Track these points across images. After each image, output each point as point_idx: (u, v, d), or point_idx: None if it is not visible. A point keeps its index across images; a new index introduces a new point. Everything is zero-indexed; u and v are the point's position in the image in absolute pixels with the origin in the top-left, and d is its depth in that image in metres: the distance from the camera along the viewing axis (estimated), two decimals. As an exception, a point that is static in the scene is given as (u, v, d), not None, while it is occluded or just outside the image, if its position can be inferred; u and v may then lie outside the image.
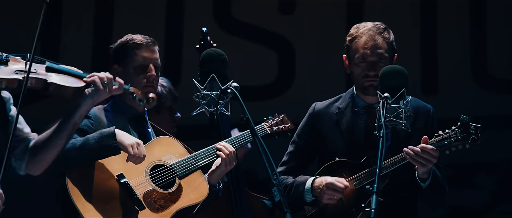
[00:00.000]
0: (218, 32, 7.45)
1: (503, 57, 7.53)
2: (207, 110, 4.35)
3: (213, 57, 4.44)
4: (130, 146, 4.54)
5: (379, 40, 4.98)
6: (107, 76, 4.37)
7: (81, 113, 4.32)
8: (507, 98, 7.47)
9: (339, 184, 4.87)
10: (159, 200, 4.63)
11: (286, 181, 5.09)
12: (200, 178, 4.79)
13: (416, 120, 5.01)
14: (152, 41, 4.90)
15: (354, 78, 5.03)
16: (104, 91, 4.34)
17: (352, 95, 5.10)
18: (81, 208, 4.44)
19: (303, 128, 5.19)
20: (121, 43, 4.89)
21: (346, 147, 4.99)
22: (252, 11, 7.64)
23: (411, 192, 4.95)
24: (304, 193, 4.98)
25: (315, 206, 5.01)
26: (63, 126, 4.27)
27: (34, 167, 4.26)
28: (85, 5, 7.63)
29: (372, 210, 4.19)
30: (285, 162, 5.19)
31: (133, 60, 4.81)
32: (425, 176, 4.84)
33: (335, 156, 4.99)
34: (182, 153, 4.83)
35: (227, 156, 4.81)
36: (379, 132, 4.38)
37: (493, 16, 7.56)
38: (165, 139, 4.85)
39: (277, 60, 7.68)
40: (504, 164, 7.37)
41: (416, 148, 4.76)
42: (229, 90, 4.35)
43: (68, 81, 4.25)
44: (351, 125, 5.02)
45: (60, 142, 4.27)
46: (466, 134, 4.78)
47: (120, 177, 4.57)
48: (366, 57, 4.95)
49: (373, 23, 5.06)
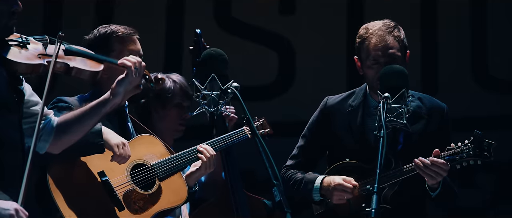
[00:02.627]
0: (218, 32, 7.45)
1: (503, 58, 7.53)
2: (207, 109, 4.34)
3: (214, 57, 4.43)
4: (115, 146, 4.47)
5: (390, 40, 4.88)
6: (138, 61, 4.30)
7: (114, 102, 4.25)
8: (507, 99, 7.46)
9: (347, 185, 4.84)
10: (139, 201, 4.59)
11: (295, 176, 5.05)
12: (179, 180, 4.76)
13: (430, 121, 4.95)
14: (133, 31, 4.83)
15: (368, 80, 4.96)
16: (136, 78, 4.27)
17: (365, 93, 5.04)
18: (61, 204, 4.39)
19: (313, 122, 5.13)
20: (103, 35, 4.80)
21: (356, 146, 4.95)
22: (252, 11, 7.64)
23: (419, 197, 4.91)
24: (312, 192, 4.95)
25: (323, 205, 4.99)
26: (94, 111, 4.22)
27: (57, 147, 4.22)
28: (85, 5, 7.63)
29: (372, 210, 4.17)
30: (295, 155, 5.15)
31: (119, 55, 4.66)
32: (434, 186, 4.78)
33: (345, 152, 4.95)
34: (163, 153, 4.79)
35: (207, 159, 4.80)
36: (380, 132, 4.36)
37: (494, 16, 7.55)
38: (147, 137, 4.81)
39: (278, 60, 7.67)
40: (504, 164, 7.36)
41: (426, 160, 4.68)
42: (229, 90, 4.34)
43: (86, 64, 4.20)
44: (362, 125, 4.97)
45: (87, 127, 4.23)
46: (479, 150, 4.71)
47: (101, 174, 4.52)
48: (378, 59, 4.87)
49: (382, 21, 4.97)
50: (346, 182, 4.83)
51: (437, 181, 4.72)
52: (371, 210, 4.17)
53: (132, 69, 4.24)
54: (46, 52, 4.07)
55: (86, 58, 4.23)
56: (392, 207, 4.71)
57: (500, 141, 4.85)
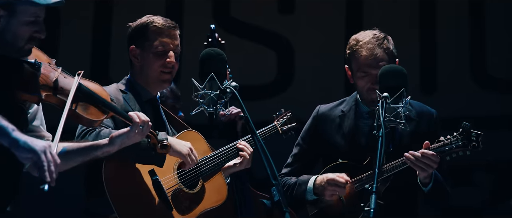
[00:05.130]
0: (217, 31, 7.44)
1: (502, 57, 7.53)
2: (206, 109, 4.34)
3: (212, 57, 4.43)
4: (187, 156, 4.51)
5: (379, 52, 4.94)
6: (147, 121, 4.14)
7: (107, 151, 4.10)
8: (506, 98, 7.47)
9: (340, 179, 4.88)
10: (185, 201, 4.60)
11: (289, 181, 5.12)
12: (221, 179, 4.77)
13: (420, 124, 5.00)
14: (173, 25, 4.84)
15: (358, 90, 5.04)
16: (137, 136, 4.12)
17: (356, 100, 5.10)
18: (115, 202, 4.37)
19: (307, 130, 5.20)
20: (141, 24, 4.81)
21: (348, 149, 5.00)
22: (251, 11, 7.64)
23: (411, 193, 4.95)
24: (306, 192, 5.00)
25: (317, 206, 5.02)
26: (84, 152, 4.09)
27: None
28: (84, 5, 7.62)
29: (371, 210, 4.18)
30: (290, 164, 5.21)
31: (152, 45, 4.75)
32: (426, 181, 4.83)
33: (338, 156, 5.00)
34: (206, 149, 4.79)
35: (249, 156, 4.83)
36: (378, 132, 4.37)
37: (492, 16, 7.56)
38: (191, 134, 4.79)
39: (276, 60, 7.68)
40: (502, 164, 7.37)
41: (416, 153, 4.75)
42: (228, 89, 4.34)
43: (89, 111, 4.01)
44: (354, 128, 5.02)
45: (72, 163, 4.08)
46: (467, 141, 4.77)
47: (151, 173, 4.51)
48: (369, 71, 4.93)
49: (371, 32, 5.02)
50: (339, 177, 4.88)
51: (428, 173, 4.78)
52: (370, 209, 4.17)
53: (137, 126, 4.10)
54: (55, 86, 3.87)
55: (92, 105, 4.02)
56: (385, 203, 4.73)
57: (498, 140, 4.87)
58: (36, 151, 3.42)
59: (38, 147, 3.43)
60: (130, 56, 4.83)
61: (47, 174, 3.40)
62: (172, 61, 4.78)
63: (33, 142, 3.46)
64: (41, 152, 3.42)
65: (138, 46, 4.78)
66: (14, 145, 3.46)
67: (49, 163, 3.42)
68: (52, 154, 3.45)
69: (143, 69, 4.78)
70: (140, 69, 4.80)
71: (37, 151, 3.42)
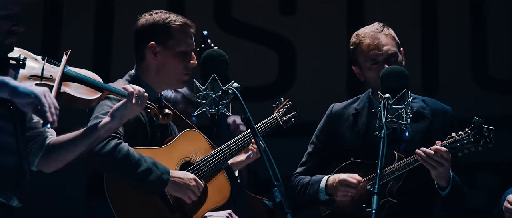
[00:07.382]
0: (218, 32, 7.44)
1: (503, 58, 7.53)
2: (208, 110, 4.34)
3: (214, 58, 4.43)
4: (192, 191, 4.50)
5: (382, 37, 4.97)
6: (142, 91, 4.10)
7: (109, 127, 4.07)
8: (507, 99, 7.47)
9: (352, 180, 4.86)
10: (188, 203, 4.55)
11: (303, 181, 5.09)
12: (222, 178, 4.74)
13: (434, 121, 4.98)
14: (192, 25, 4.77)
15: (371, 82, 5.00)
16: (135, 107, 4.08)
17: (369, 97, 5.08)
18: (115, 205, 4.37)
19: (321, 129, 5.18)
20: (163, 21, 4.72)
21: (361, 147, 4.97)
22: (253, 11, 7.64)
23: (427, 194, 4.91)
24: (319, 192, 4.98)
25: (329, 206, 5.00)
26: (87, 135, 4.05)
27: (46, 165, 4.08)
28: (85, 4, 7.62)
29: (373, 211, 4.17)
30: (304, 162, 5.19)
31: (177, 45, 4.66)
32: (444, 184, 4.80)
33: (351, 154, 4.97)
34: (207, 148, 4.76)
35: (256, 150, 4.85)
36: (380, 133, 4.37)
37: (494, 16, 7.56)
38: (191, 133, 4.76)
39: (278, 60, 7.68)
40: (504, 164, 7.36)
41: (428, 150, 4.71)
42: (230, 90, 4.34)
43: (81, 91, 4.01)
44: (367, 125, 5.00)
45: (78, 149, 4.05)
46: (479, 136, 4.72)
47: None
48: (376, 57, 4.93)
49: (370, 25, 5.06)
50: (350, 178, 4.86)
51: (439, 172, 4.72)
52: (372, 211, 4.16)
53: (133, 96, 4.06)
54: (42, 75, 3.90)
55: (86, 85, 4.03)
56: (398, 202, 4.71)
57: (501, 141, 4.86)
58: (36, 94, 3.55)
59: (38, 90, 3.57)
60: (146, 52, 4.68)
61: (49, 115, 3.55)
62: (194, 63, 4.70)
63: (32, 86, 3.62)
64: (41, 94, 3.56)
65: (159, 43, 4.67)
66: (14, 93, 3.57)
67: (49, 104, 3.56)
68: (51, 97, 3.60)
69: (159, 68, 4.65)
70: (155, 67, 4.67)
71: (38, 94, 3.55)
